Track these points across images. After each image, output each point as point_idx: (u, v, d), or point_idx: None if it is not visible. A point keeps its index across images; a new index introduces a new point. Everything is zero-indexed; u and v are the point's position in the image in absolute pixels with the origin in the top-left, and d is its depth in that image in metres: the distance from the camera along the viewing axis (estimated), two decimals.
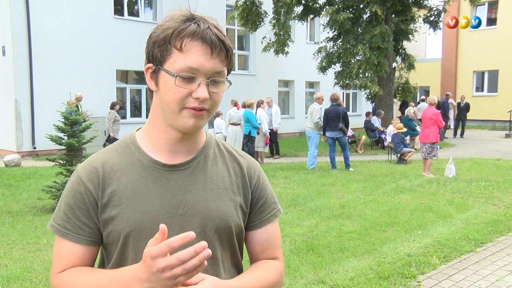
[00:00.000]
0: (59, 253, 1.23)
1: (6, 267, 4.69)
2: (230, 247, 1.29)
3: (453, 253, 5.13)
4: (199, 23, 1.15)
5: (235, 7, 16.20)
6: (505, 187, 8.72)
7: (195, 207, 1.22)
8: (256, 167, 1.36)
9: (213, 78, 1.15)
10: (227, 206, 1.25)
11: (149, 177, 1.22)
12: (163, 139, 1.23)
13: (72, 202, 1.21)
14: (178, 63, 1.13)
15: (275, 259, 1.36)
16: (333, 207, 7.13)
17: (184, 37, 1.13)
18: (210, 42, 1.13)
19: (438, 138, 10.09)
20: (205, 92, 1.13)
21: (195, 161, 1.26)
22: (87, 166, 1.24)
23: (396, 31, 17.60)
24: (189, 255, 0.98)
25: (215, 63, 1.14)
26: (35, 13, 13.48)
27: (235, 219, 1.26)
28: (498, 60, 23.58)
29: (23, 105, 13.57)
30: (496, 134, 20.65)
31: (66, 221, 1.21)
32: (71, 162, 7.22)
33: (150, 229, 1.18)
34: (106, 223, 1.20)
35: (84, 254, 1.22)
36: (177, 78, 1.13)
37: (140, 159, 1.24)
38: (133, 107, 16.71)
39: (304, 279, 4.33)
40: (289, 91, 22.14)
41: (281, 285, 1.35)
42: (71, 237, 1.21)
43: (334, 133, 11.05)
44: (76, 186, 1.22)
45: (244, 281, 1.23)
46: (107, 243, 1.23)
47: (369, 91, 16.44)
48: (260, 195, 1.34)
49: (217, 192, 1.25)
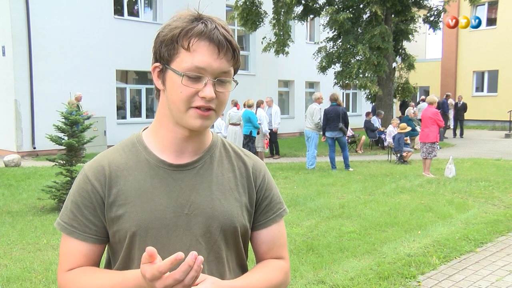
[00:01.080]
0: (66, 251, 1.23)
1: (6, 267, 4.69)
2: (235, 247, 1.29)
3: (453, 253, 5.13)
4: (206, 22, 1.15)
5: (235, 7, 16.20)
6: (505, 187, 8.72)
7: (201, 207, 1.22)
8: (262, 167, 1.37)
9: (219, 77, 1.16)
10: (232, 206, 1.26)
11: (156, 176, 1.22)
12: (170, 138, 1.24)
13: (79, 200, 1.22)
14: (185, 63, 1.14)
15: (281, 258, 1.36)
16: (333, 207, 7.13)
17: (191, 36, 1.14)
18: (217, 42, 1.14)
19: (438, 138, 10.09)
20: (211, 91, 1.14)
21: (201, 161, 1.27)
22: (94, 165, 1.25)
23: (396, 31, 17.60)
24: (184, 273, 0.99)
25: (222, 63, 1.15)
26: (35, 13, 13.48)
27: (241, 219, 1.27)
28: (498, 60, 23.59)
29: (23, 105, 13.57)
30: (496, 134, 20.65)
31: (73, 219, 1.22)
32: (71, 162, 7.22)
33: (157, 228, 1.19)
34: (113, 222, 1.21)
35: (90, 252, 1.23)
36: (184, 77, 1.14)
37: (146, 159, 1.24)
38: (133, 107, 16.70)
39: (304, 279, 4.34)
40: (289, 91, 22.14)
41: (286, 285, 1.35)
42: (77, 235, 1.21)
43: (334, 133, 11.05)
44: (83, 185, 1.23)
45: (247, 281, 1.23)
46: (113, 242, 1.24)
47: (369, 91, 16.44)
48: (265, 195, 1.34)
49: (222, 192, 1.26)
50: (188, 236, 1.20)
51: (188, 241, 1.20)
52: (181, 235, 1.20)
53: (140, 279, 1.05)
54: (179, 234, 1.20)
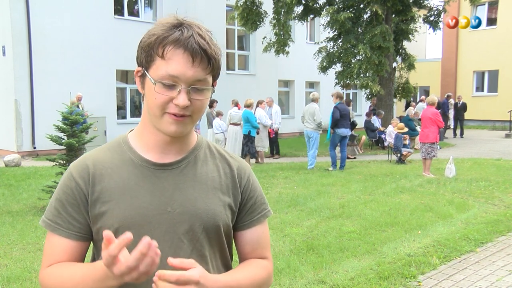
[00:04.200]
0: (49, 248, 1.25)
1: (6, 267, 4.69)
2: (219, 246, 1.31)
3: (453, 253, 5.13)
4: (183, 30, 1.16)
5: (235, 7, 16.19)
6: (505, 187, 8.72)
7: (184, 205, 1.24)
8: (246, 169, 1.39)
9: (194, 86, 1.16)
10: (215, 205, 1.27)
11: (140, 175, 1.24)
12: (154, 140, 1.26)
13: (63, 197, 1.24)
14: (160, 70, 1.16)
15: (265, 259, 1.38)
16: (333, 207, 7.13)
17: (166, 44, 1.15)
18: (191, 50, 1.14)
19: (438, 138, 10.09)
20: (185, 99, 1.15)
21: (185, 161, 1.28)
22: (79, 164, 1.28)
23: (396, 31, 17.60)
24: (136, 260, 0.99)
25: (197, 71, 1.15)
26: (35, 13, 13.48)
27: (223, 218, 1.28)
28: (498, 60, 23.58)
29: (23, 105, 13.57)
30: (496, 134, 20.65)
31: (57, 216, 1.24)
32: (71, 162, 7.21)
33: (139, 225, 1.20)
34: (96, 219, 1.22)
35: (74, 249, 1.24)
36: (157, 85, 1.16)
37: (131, 158, 1.26)
38: (133, 107, 16.70)
39: (304, 279, 4.34)
40: (289, 91, 22.14)
41: (269, 284, 1.37)
42: (61, 232, 1.23)
43: (345, 131, 10.98)
44: (68, 182, 1.25)
45: (232, 276, 1.26)
46: (96, 239, 1.25)
47: (370, 91, 16.43)
48: (250, 195, 1.36)
49: (206, 191, 1.27)
50: (170, 234, 1.22)
51: (170, 239, 1.21)
52: (163, 233, 1.21)
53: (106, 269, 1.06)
54: (161, 231, 1.21)
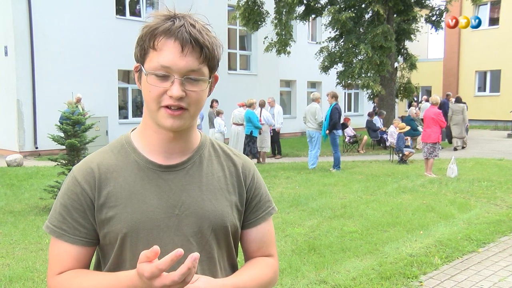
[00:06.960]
0: (56, 255, 1.22)
1: (8, 267, 4.70)
2: (226, 247, 1.30)
3: (455, 253, 5.12)
4: (175, 20, 1.14)
5: (236, 7, 16.20)
6: (507, 187, 8.70)
7: (192, 207, 1.22)
8: (251, 166, 1.37)
9: (188, 76, 1.14)
10: (223, 205, 1.26)
11: (146, 177, 1.22)
12: (156, 139, 1.23)
13: (68, 203, 1.21)
14: (153, 62, 1.14)
15: (270, 256, 1.37)
16: (335, 207, 7.12)
17: (157, 35, 1.14)
18: (181, 40, 1.12)
19: (440, 138, 10.07)
20: (178, 90, 1.13)
21: (191, 161, 1.27)
22: (83, 167, 1.24)
23: (398, 31, 17.56)
24: (183, 275, 0.99)
25: (189, 61, 1.13)
26: (38, 13, 13.50)
27: (231, 219, 1.27)
28: (500, 60, 23.54)
29: (25, 105, 13.60)
30: (498, 134, 20.60)
31: (62, 222, 1.21)
32: (73, 162, 7.23)
33: (148, 229, 1.19)
34: (103, 224, 1.20)
35: (81, 255, 1.22)
36: (149, 76, 1.14)
37: (136, 160, 1.24)
38: (135, 107, 16.72)
39: (306, 279, 4.33)
40: (291, 91, 22.13)
41: (275, 282, 1.36)
42: (67, 238, 1.20)
43: (340, 132, 11.21)
44: (72, 187, 1.22)
45: (239, 278, 1.24)
46: (103, 244, 1.23)
47: (372, 91, 16.41)
48: (255, 193, 1.35)
49: (213, 192, 1.26)
50: (179, 236, 1.21)
51: (179, 242, 1.20)
52: (172, 236, 1.20)
53: (134, 279, 1.04)
54: (170, 234, 1.20)
